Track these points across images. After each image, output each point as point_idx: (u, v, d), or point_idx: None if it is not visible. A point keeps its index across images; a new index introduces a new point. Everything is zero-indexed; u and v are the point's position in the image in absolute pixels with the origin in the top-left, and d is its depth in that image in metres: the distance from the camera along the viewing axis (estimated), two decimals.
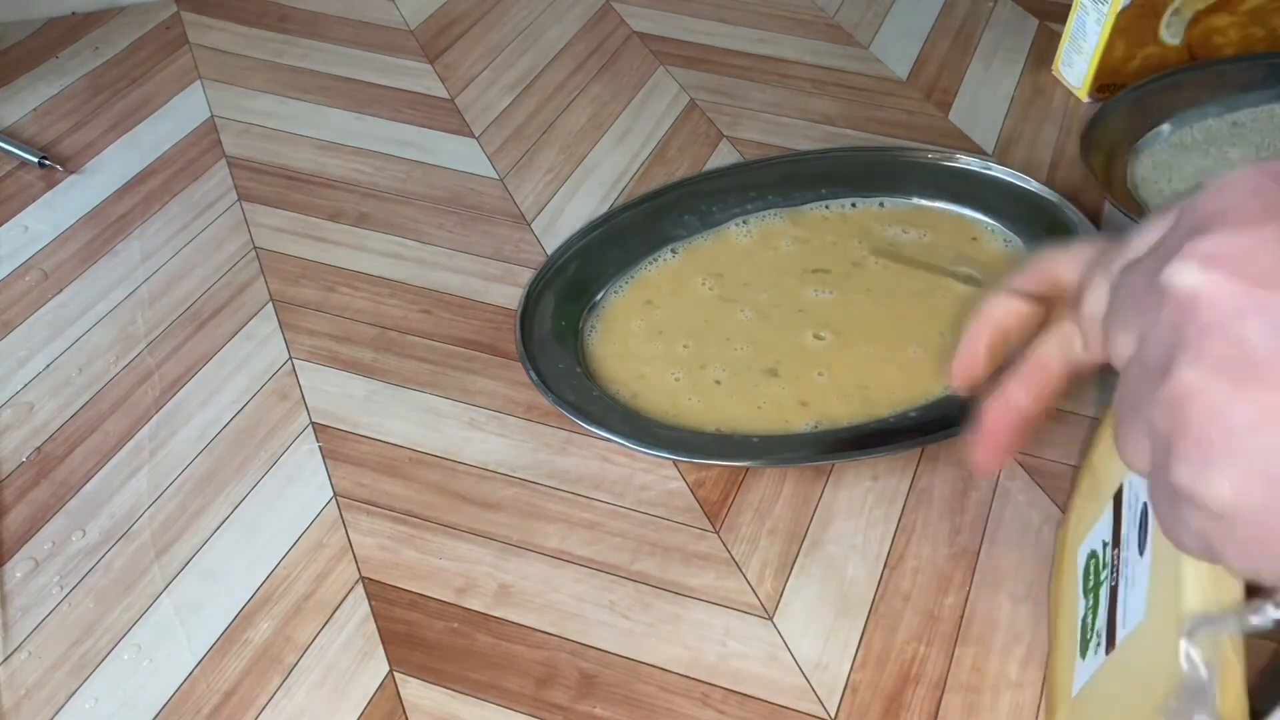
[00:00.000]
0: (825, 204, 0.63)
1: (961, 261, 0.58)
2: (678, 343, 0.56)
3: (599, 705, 0.44)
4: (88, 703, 0.45)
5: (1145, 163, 0.66)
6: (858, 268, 0.59)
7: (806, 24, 0.82)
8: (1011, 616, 0.46)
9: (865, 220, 0.62)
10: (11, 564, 0.49)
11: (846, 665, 0.45)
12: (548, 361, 0.55)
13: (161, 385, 0.57)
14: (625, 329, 0.57)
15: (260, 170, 0.70)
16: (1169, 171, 0.64)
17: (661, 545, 0.49)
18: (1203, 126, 0.67)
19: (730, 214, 0.63)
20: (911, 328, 0.56)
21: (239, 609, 0.47)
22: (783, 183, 0.64)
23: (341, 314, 0.61)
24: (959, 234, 0.61)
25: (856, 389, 0.53)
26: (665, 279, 0.60)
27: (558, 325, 0.57)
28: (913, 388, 0.53)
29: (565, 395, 0.53)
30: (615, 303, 0.58)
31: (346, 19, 0.84)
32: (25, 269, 0.64)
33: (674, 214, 0.63)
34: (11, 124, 0.75)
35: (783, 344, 0.56)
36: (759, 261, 0.60)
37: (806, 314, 0.57)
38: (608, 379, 0.55)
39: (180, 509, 0.51)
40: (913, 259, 0.59)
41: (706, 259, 0.60)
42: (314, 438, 0.54)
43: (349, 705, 0.44)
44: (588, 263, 0.60)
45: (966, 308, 0.55)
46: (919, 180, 0.64)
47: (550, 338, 0.57)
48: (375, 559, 0.49)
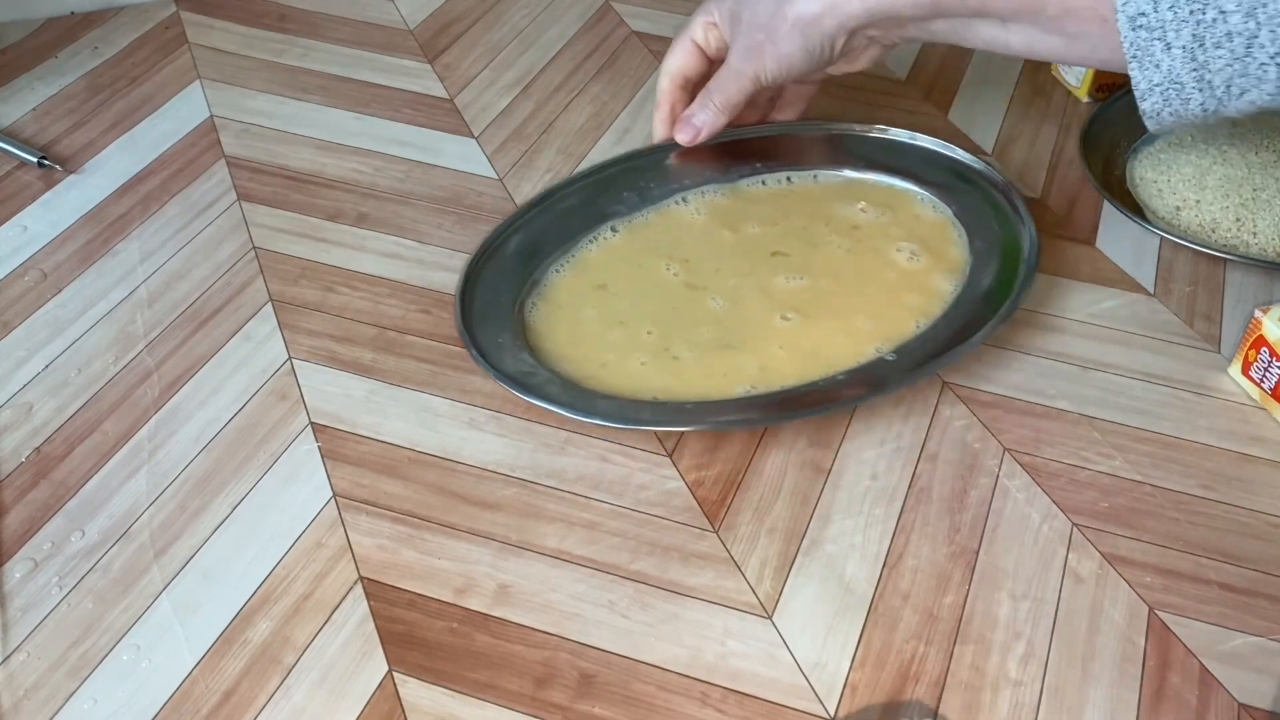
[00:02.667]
0: (761, 179, 0.64)
1: (909, 236, 0.60)
2: (619, 319, 0.57)
3: (598, 705, 0.44)
4: (87, 703, 0.45)
5: (1144, 163, 0.66)
6: (815, 249, 0.60)
7: None
8: (1011, 615, 0.46)
9: (804, 194, 0.63)
10: (10, 564, 0.49)
11: (846, 664, 0.45)
12: (488, 337, 0.56)
13: (160, 385, 0.57)
14: (566, 305, 0.58)
15: (259, 170, 0.70)
16: (1168, 171, 0.64)
17: (660, 545, 0.49)
18: (1202, 126, 0.67)
19: (669, 190, 0.63)
20: (865, 300, 0.58)
21: (238, 609, 0.47)
22: (719, 158, 0.65)
23: (341, 314, 0.61)
24: (905, 207, 0.62)
25: (809, 357, 0.55)
26: (607, 256, 0.60)
27: (499, 302, 0.58)
28: (859, 357, 0.55)
29: (505, 368, 0.54)
30: (556, 280, 0.59)
31: (346, 19, 0.84)
32: (24, 269, 0.64)
33: (612, 191, 0.63)
34: (10, 124, 0.75)
35: (743, 321, 0.57)
36: (709, 239, 0.61)
37: (774, 298, 0.58)
38: (548, 352, 0.56)
39: (179, 509, 0.51)
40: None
41: (650, 237, 0.61)
42: (313, 438, 0.54)
43: (348, 705, 0.44)
44: (528, 241, 0.61)
45: (910, 282, 0.58)
46: (851, 153, 0.65)
47: (491, 314, 0.57)
48: (374, 559, 0.49)
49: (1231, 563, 0.48)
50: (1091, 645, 0.45)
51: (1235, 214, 0.61)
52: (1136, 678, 0.44)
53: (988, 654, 0.45)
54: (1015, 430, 0.53)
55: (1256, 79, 0.46)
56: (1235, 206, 0.62)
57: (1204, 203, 0.62)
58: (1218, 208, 0.62)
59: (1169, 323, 0.58)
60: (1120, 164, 0.67)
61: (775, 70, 0.58)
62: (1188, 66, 0.47)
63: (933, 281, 0.58)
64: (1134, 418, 0.54)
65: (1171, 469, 0.52)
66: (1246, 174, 0.63)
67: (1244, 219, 0.61)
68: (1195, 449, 0.52)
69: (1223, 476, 0.51)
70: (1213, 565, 0.48)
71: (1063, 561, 0.48)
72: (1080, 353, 0.57)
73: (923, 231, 0.61)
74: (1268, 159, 0.63)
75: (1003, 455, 0.52)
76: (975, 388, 0.55)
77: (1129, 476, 0.51)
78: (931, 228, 0.61)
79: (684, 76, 0.62)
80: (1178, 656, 0.45)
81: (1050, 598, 0.47)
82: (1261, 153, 0.64)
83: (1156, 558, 0.48)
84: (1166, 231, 0.61)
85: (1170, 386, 0.55)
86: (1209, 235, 0.61)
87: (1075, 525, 0.49)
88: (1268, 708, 0.43)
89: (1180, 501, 0.50)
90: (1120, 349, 0.57)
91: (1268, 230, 0.60)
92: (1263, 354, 0.53)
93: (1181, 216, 0.63)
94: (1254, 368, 0.54)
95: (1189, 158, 0.65)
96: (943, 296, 0.57)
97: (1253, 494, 0.50)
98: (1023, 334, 0.58)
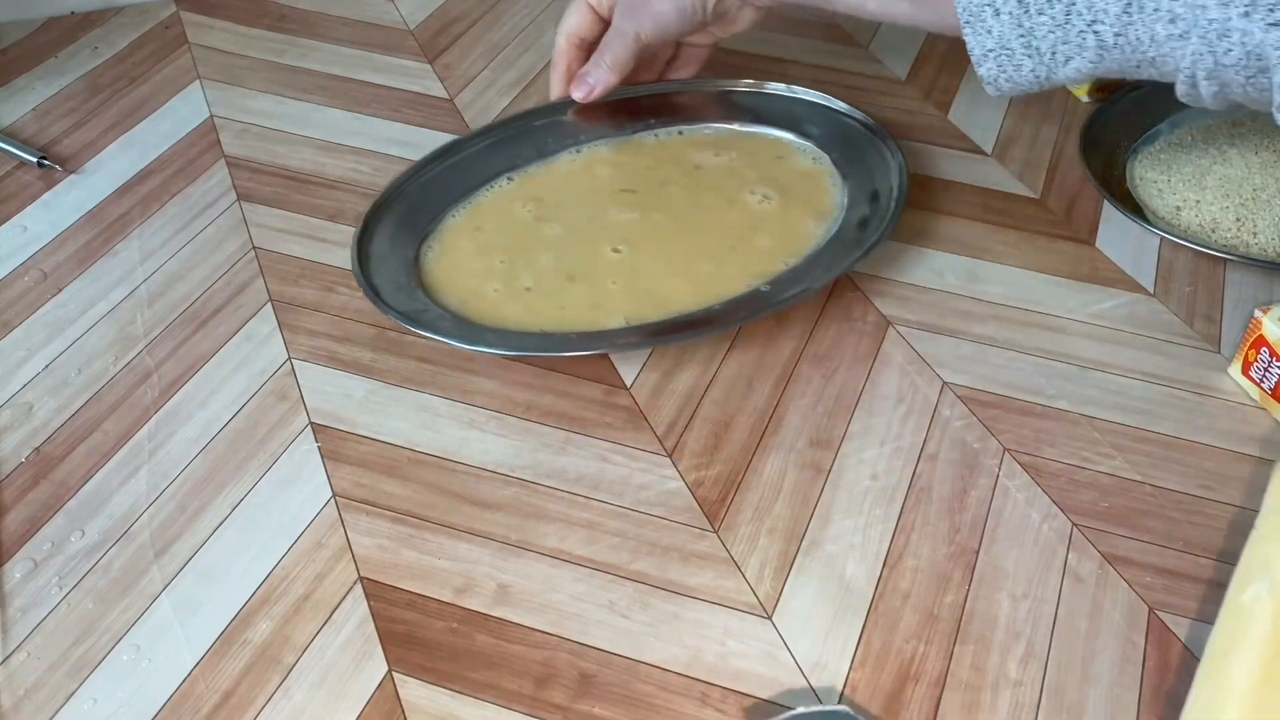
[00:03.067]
0: (654, 133, 0.69)
1: (766, 179, 0.65)
2: (496, 257, 0.61)
3: (598, 705, 0.44)
4: (87, 703, 0.45)
5: (1144, 163, 0.66)
6: (663, 187, 0.65)
7: (806, 24, 0.82)
8: (1011, 615, 0.46)
9: (686, 145, 0.68)
10: (10, 564, 0.49)
11: (846, 664, 0.45)
12: (384, 278, 0.59)
13: (160, 385, 0.57)
14: (457, 248, 0.62)
15: (259, 170, 0.70)
16: (1168, 171, 0.64)
17: (660, 545, 0.49)
18: (1202, 126, 0.67)
19: (564, 144, 0.68)
20: (704, 241, 0.62)
21: (238, 609, 0.47)
22: (613, 115, 0.69)
23: (340, 314, 0.61)
24: (769, 153, 0.67)
25: (647, 294, 0.59)
26: (497, 204, 0.65)
27: (396, 245, 0.62)
28: (703, 296, 0.58)
29: (398, 306, 0.57)
30: (452, 225, 0.64)
31: (346, 19, 0.84)
32: (24, 269, 0.64)
33: (514, 145, 0.68)
34: (10, 124, 0.75)
35: (586, 255, 0.61)
36: (577, 185, 0.66)
37: (609, 231, 0.63)
38: (440, 291, 0.60)
39: (179, 509, 0.51)
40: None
41: (537, 185, 0.66)
42: (313, 438, 0.54)
43: (348, 705, 0.44)
44: (429, 191, 0.65)
45: (761, 223, 0.62)
46: (743, 108, 0.70)
47: (388, 257, 0.61)
48: (374, 559, 0.49)
49: (1232, 563, 0.48)
50: (1091, 645, 0.45)
51: (1235, 214, 0.61)
52: (1136, 678, 0.44)
53: (988, 654, 0.45)
54: (1015, 430, 0.53)
55: (1078, 46, 0.49)
56: (1235, 206, 0.62)
57: (1204, 202, 0.62)
58: (1218, 208, 0.62)
59: (1169, 323, 0.58)
60: (1120, 164, 0.67)
61: (653, 29, 0.64)
62: (1016, 33, 0.50)
63: (800, 225, 0.62)
64: (1134, 418, 0.54)
65: (1171, 469, 0.52)
66: (1246, 174, 0.63)
67: (1244, 219, 0.61)
68: (1195, 449, 0.52)
69: (1223, 476, 0.51)
70: (1213, 565, 0.48)
71: (1063, 561, 0.48)
72: (1080, 352, 0.57)
73: (787, 178, 0.65)
74: (1268, 159, 0.63)
75: (1003, 455, 0.52)
76: (975, 387, 0.55)
77: (1129, 476, 0.51)
78: (802, 175, 0.65)
79: (579, 36, 0.66)
80: (1178, 656, 0.45)
81: (1050, 598, 0.47)
82: (1262, 152, 0.64)
83: (1156, 558, 0.48)
84: (1167, 232, 0.61)
85: (1170, 386, 0.55)
86: (1209, 235, 0.61)
87: (1075, 525, 0.49)
88: None
89: (1180, 501, 0.50)
90: (1120, 349, 0.57)
91: (1268, 230, 0.60)
92: (1263, 354, 0.53)
93: (1182, 216, 0.63)
94: (1254, 368, 0.54)
95: (1189, 157, 0.65)
96: (812, 238, 0.61)
97: (1253, 494, 0.50)
98: (1021, 332, 0.58)
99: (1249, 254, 0.60)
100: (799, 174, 0.65)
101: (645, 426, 0.54)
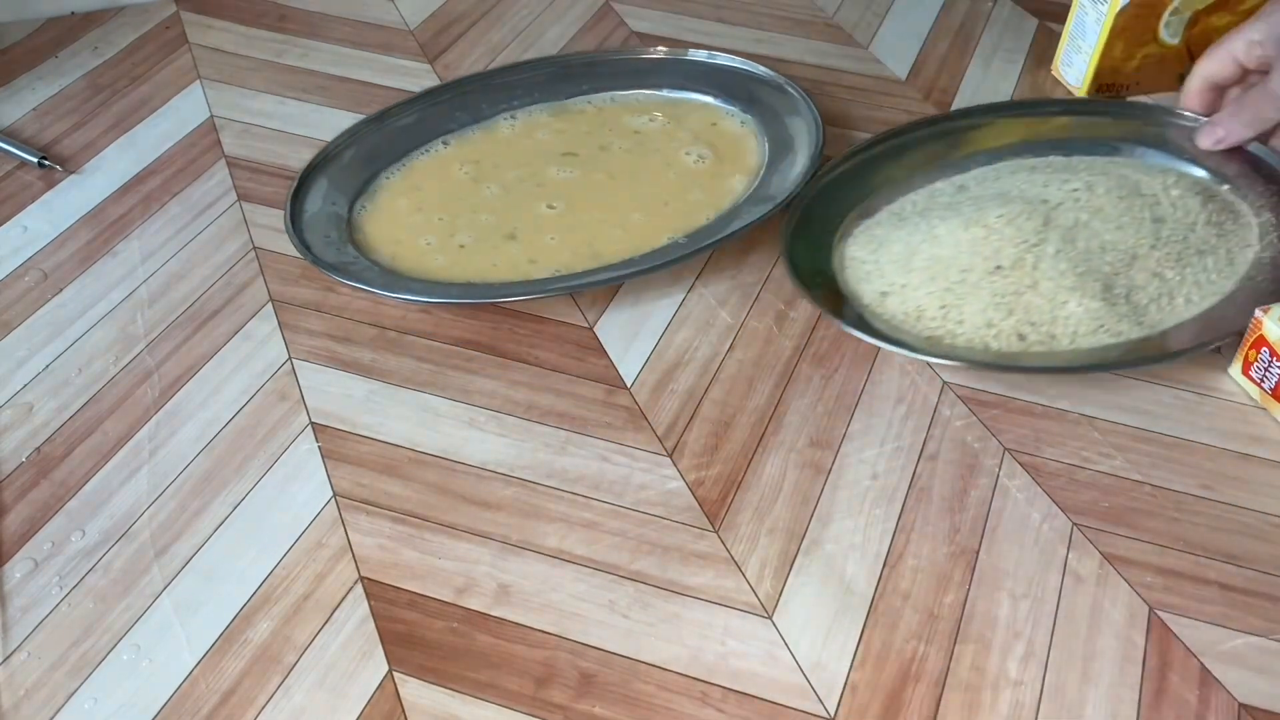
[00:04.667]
0: (589, 99, 0.72)
1: (701, 141, 0.69)
2: (434, 215, 0.64)
3: (598, 704, 0.44)
4: (87, 703, 0.45)
5: (858, 240, 0.61)
6: (603, 151, 0.68)
7: (806, 24, 0.82)
8: (1011, 615, 0.46)
9: (622, 111, 0.72)
10: (11, 564, 0.49)
11: (846, 664, 0.45)
12: (315, 233, 0.62)
13: (161, 385, 0.57)
14: (392, 207, 0.65)
15: (260, 170, 0.70)
16: (877, 251, 0.59)
17: (661, 544, 0.49)
18: (926, 193, 0.63)
19: (500, 109, 0.71)
20: (640, 198, 0.65)
21: (238, 609, 0.47)
22: (552, 81, 0.73)
23: (341, 314, 0.61)
24: (701, 117, 0.71)
25: (585, 246, 0.62)
26: (433, 166, 0.68)
27: (330, 203, 0.65)
28: (637, 245, 0.61)
29: (327, 258, 0.60)
30: (386, 185, 0.67)
31: (346, 19, 0.84)
32: (24, 269, 0.64)
33: (449, 110, 0.71)
34: (11, 124, 0.75)
35: (524, 213, 0.64)
36: (517, 149, 0.69)
37: (545, 189, 0.66)
38: (371, 247, 0.63)
39: (180, 509, 0.51)
40: None
41: (472, 148, 0.69)
42: (313, 438, 0.54)
43: (348, 705, 0.44)
44: (364, 153, 0.68)
45: (695, 181, 0.66)
46: (671, 75, 0.74)
47: (321, 215, 0.64)
48: (374, 559, 0.49)
49: (1232, 562, 0.48)
50: (1092, 645, 0.45)
51: (941, 299, 0.56)
52: (1136, 678, 0.44)
53: (988, 653, 0.45)
54: (1015, 430, 0.53)
55: None
56: (941, 291, 0.56)
57: (910, 286, 0.57)
58: (924, 292, 0.56)
59: None
60: (828, 245, 0.61)
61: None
62: None
63: (728, 182, 0.66)
64: (1134, 418, 0.54)
65: (1172, 469, 0.52)
66: (955, 254, 0.56)
67: (950, 306, 0.56)
68: (1195, 449, 0.52)
69: (1223, 476, 0.51)
70: (1213, 565, 0.48)
71: (1063, 561, 0.48)
72: None
73: (719, 139, 0.69)
74: (977, 235, 0.56)
75: (1003, 455, 0.52)
76: (976, 387, 0.55)
77: (1129, 476, 0.51)
78: (732, 137, 0.69)
79: (1214, 82, 0.63)
80: (1178, 656, 0.45)
81: (1050, 598, 0.47)
82: (972, 228, 0.57)
83: (1157, 557, 0.48)
84: (868, 323, 0.56)
85: (1170, 387, 0.55)
86: (914, 324, 0.56)
87: (1075, 525, 0.49)
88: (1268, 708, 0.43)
89: (1180, 501, 0.50)
90: None
91: (974, 318, 0.55)
92: (1263, 354, 0.53)
93: (887, 303, 0.57)
94: (1254, 367, 0.54)
95: (900, 234, 0.59)
96: (735, 194, 0.65)
97: (1253, 494, 0.50)
98: None
99: (954, 346, 0.55)
100: (729, 136, 0.69)
101: (646, 426, 0.54)
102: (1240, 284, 0.56)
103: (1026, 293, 0.55)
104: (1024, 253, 0.55)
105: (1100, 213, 0.57)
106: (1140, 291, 0.55)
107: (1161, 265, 0.56)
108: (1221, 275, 0.56)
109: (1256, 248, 0.58)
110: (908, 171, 0.65)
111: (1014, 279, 0.55)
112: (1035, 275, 0.55)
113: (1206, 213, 0.58)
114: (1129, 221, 0.57)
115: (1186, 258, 0.56)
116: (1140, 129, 0.65)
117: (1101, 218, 0.57)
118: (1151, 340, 0.54)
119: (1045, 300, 0.55)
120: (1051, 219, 0.57)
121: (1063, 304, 0.54)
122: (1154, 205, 0.58)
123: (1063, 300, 0.54)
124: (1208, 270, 0.56)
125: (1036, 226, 0.56)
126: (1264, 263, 0.57)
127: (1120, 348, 0.54)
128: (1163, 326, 0.55)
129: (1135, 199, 0.58)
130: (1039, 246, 0.56)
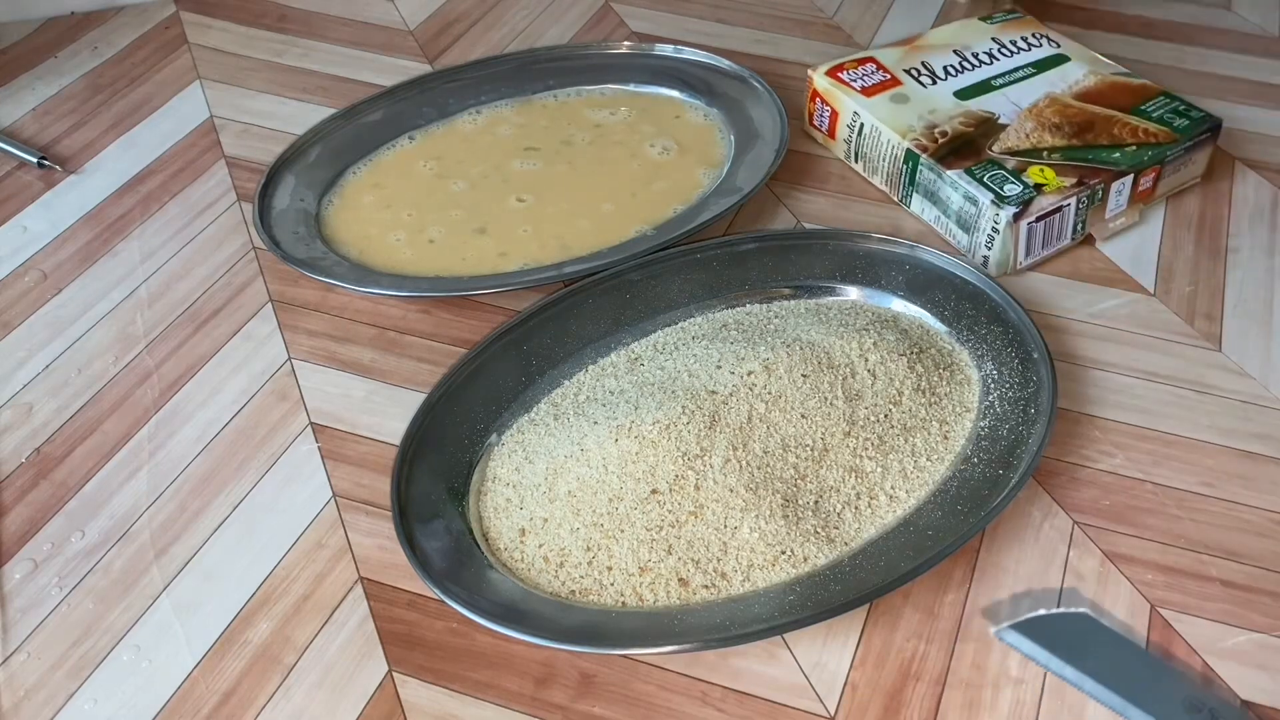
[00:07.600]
0: (553, 94, 0.74)
1: (665, 134, 0.69)
2: (402, 211, 0.65)
3: (598, 704, 0.44)
4: (87, 704, 0.45)
5: (505, 450, 0.52)
6: (567, 145, 0.69)
7: (806, 24, 0.82)
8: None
9: (584, 105, 0.72)
10: (11, 565, 0.49)
11: (846, 663, 0.45)
12: (284, 229, 0.63)
13: (161, 386, 0.57)
14: (358, 202, 0.66)
15: (260, 170, 0.70)
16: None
17: None
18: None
19: (465, 105, 0.72)
20: (606, 190, 0.66)
21: (238, 609, 0.47)
22: (516, 76, 0.74)
23: (340, 314, 0.61)
24: (665, 111, 0.72)
25: (554, 239, 0.62)
26: (398, 162, 0.69)
27: (297, 200, 0.65)
28: (606, 237, 0.62)
29: (297, 255, 0.61)
30: (353, 181, 0.67)
31: (346, 19, 0.84)
32: (24, 269, 0.64)
33: (415, 106, 0.72)
34: (10, 124, 0.75)
35: (492, 207, 0.65)
36: (479, 144, 0.70)
37: (511, 183, 0.67)
38: (340, 242, 0.63)
39: (179, 509, 0.51)
40: None
41: (435, 145, 0.70)
42: (313, 438, 0.54)
43: (348, 705, 0.44)
44: (331, 150, 0.69)
45: (659, 172, 0.67)
46: (637, 70, 0.75)
47: (289, 211, 0.64)
48: (374, 559, 0.49)
49: (1233, 560, 0.48)
50: None
51: (586, 539, 0.47)
52: None
53: (988, 652, 0.45)
54: None
55: None
56: (588, 528, 0.47)
57: (553, 521, 0.48)
58: (566, 530, 0.48)
59: (1169, 322, 0.58)
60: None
61: None
62: None
63: (692, 174, 0.67)
64: (1134, 416, 0.54)
65: (1172, 466, 0.52)
66: (603, 475, 0.48)
67: (597, 546, 0.47)
68: (1196, 446, 0.52)
69: (1223, 474, 0.51)
70: (1214, 562, 0.48)
71: (1064, 559, 0.48)
72: (1080, 352, 0.57)
73: (683, 132, 0.70)
74: (627, 450, 0.48)
75: None
76: None
77: (1130, 474, 0.51)
78: (696, 130, 0.70)
79: None
80: (1180, 654, 0.45)
81: (1051, 596, 0.47)
82: (623, 439, 0.48)
83: (1158, 555, 0.48)
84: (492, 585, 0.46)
85: (1171, 385, 0.55)
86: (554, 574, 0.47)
87: (1076, 523, 0.49)
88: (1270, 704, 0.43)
89: (1181, 499, 0.50)
90: (1121, 348, 0.57)
91: (625, 562, 0.46)
92: (818, 104, 0.66)
93: (526, 547, 0.48)
94: (815, 117, 0.67)
95: (550, 443, 0.51)
96: (701, 186, 0.66)
97: (1254, 491, 0.50)
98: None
99: (601, 602, 0.46)
100: (693, 129, 0.70)
101: None
102: (953, 468, 0.49)
103: (689, 521, 0.46)
104: (684, 469, 0.46)
105: (780, 400, 0.49)
106: (832, 495, 0.47)
107: (858, 456, 0.48)
108: (933, 459, 0.49)
109: (974, 413, 0.51)
110: (594, 324, 0.56)
111: (672, 504, 0.46)
112: (699, 497, 0.46)
113: (914, 377, 0.50)
114: (816, 406, 0.49)
115: (890, 440, 0.49)
116: (849, 263, 0.58)
117: (782, 406, 0.48)
118: (841, 565, 0.45)
119: (712, 529, 0.46)
120: (719, 417, 0.48)
121: (733, 531, 0.46)
122: (848, 379, 0.50)
123: (733, 526, 0.46)
124: (915, 454, 0.49)
125: (699, 431, 0.47)
126: (982, 436, 0.50)
127: (804, 584, 0.45)
128: (861, 539, 0.47)
129: (824, 375, 0.50)
130: (702, 458, 0.47)
